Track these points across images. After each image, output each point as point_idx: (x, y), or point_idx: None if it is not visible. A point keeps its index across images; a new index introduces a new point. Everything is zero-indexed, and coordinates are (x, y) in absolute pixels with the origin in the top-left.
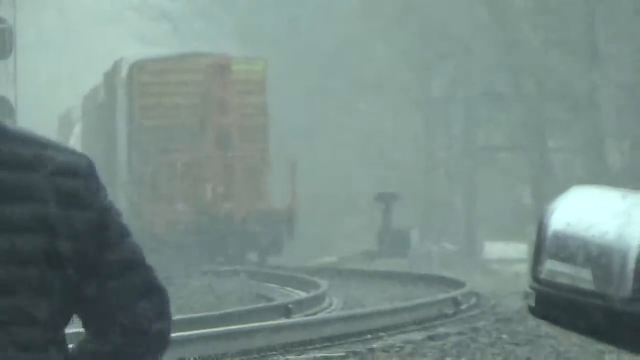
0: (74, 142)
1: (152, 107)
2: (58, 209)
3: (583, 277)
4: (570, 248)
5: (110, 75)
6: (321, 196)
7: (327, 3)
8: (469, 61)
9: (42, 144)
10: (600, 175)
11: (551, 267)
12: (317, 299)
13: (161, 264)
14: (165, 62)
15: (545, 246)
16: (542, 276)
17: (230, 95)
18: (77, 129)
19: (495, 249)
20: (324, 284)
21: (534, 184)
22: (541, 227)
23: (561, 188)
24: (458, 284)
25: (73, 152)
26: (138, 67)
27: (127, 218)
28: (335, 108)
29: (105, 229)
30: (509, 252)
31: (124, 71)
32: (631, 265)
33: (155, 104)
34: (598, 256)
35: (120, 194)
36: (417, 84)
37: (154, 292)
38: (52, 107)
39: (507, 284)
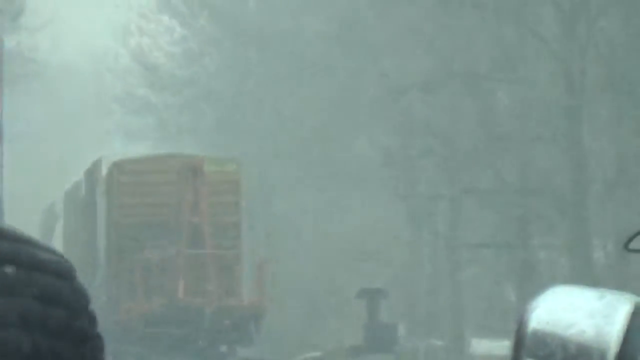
0: (57, 235)
1: (130, 205)
2: (39, 306)
3: None
4: (549, 346)
5: (91, 173)
6: (305, 291)
7: (310, 94)
8: (451, 157)
9: (23, 240)
10: (584, 273)
11: None
12: None
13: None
14: (142, 162)
15: (524, 344)
16: None
17: (203, 195)
18: (59, 223)
19: (481, 346)
20: None
21: (517, 281)
22: (521, 325)
23: (545, 286)
24: None
25: (54, 252)
26: (117, 167)
27: (106, 312)
28: (316, 200)
29: (89, 338)
30: (495, 349)
31: (103, 170)
32: None
33: (133, 203)
34: (577, 355)
35: (100, 289)
36: (401, 180)
37: None
38: (38, 199)
39: None
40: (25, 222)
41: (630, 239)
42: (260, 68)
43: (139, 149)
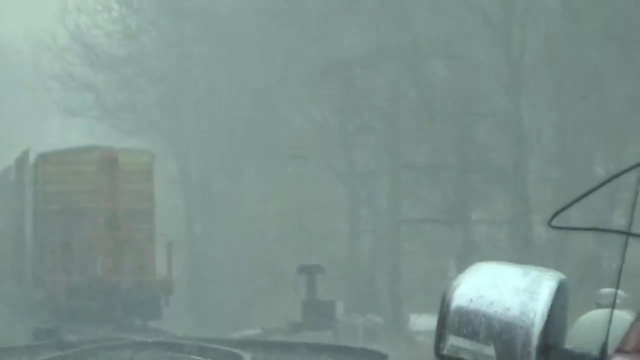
0: None
1: (54, 193)
2: None
3: (486, 353)
4: (473, 324)
5: (20, 162)
6: (244, 268)
7: (248, 70)
8: (391, 133)
9: None
10: (524, 249)
11: (454, 342)
12: None
13: (64, 331)
14: (64, 154)
15: (447, 322)
16: (445, 352)
17: (118, 183)
18: None
19: (421, 321)
20: (246, 356)
21: (458, 257)
22: (444, 302)
23: (486, 261)
24: (381, 357)
25: None
26: (43, 158)
27: (32, 288)
28: (254, 177)
29: None
30: (434, 325)
31: (31, 160)
32: (534, 341)
33: (56, 190)
34: (501, 332)
35: (27, 266)
36: (339, 155)
37: None
38: None
39: (431, 356)
40: None
41: (554, 216)
42: (197, 46)
43: (78, 126)
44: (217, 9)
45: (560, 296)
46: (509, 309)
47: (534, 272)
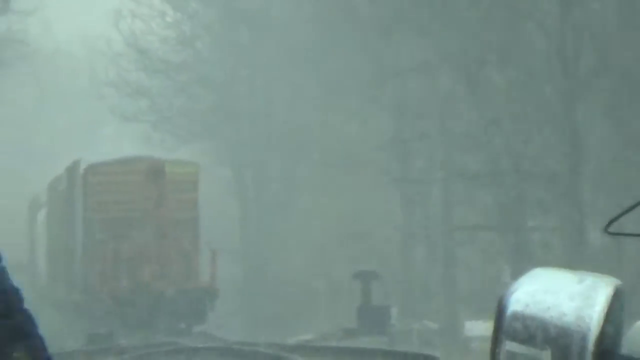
0: (39, 224)
1: (103, 202)
2: None
3: (542, 358)
4: (529, 329)
5: (70, 170)
6: (299, 274)
7: (303, 78)
8: (445, 140)
9: None
10: (578, 255)
11: (510, 348)
12: None
13: (117, 335)
14: (112, 165)
15: (504, 327)
16: (501, 358)
17: (164, 193)
18: (42, 213)
19: (475, 328)
20: None
21: (512, 263)
22: (500, 308)
23: (540, 267)
24: None
25: None
26: (92, 169)
27: (82, 293)
28: (310, 187)
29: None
30: (489, 331)
31: (80, 170)
32: (590, 346)
33: (105, 200)
34: (557, 338)
35: (77, 273)
36: (394, 163)
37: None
38: (25, 184)
39: None
40: (12, 205)
41: (610, 222)
42: (252, 52)
43: (132, 133)
44: (272, 15)
45: (616, 302)
46: (565, 314)
47: (589, 278)
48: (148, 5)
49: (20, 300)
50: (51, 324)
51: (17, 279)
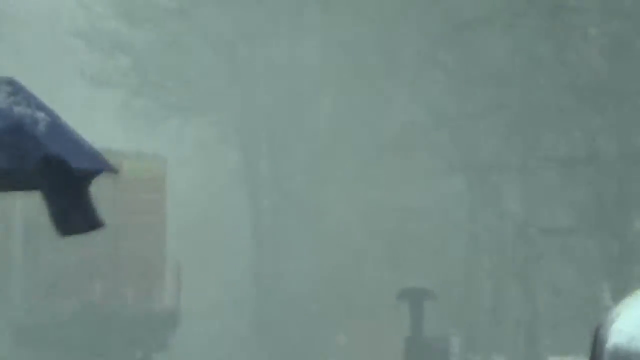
0: None
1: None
2: None
3: None
4: None
5: None
6: (320, 287)
7: (336, 34)
8: (525, 116)
9: None
10: None
11: None
12: None
13: None
14: None
15: None
16: None
17: (122, 194)
18: None
19: None
20: None
21: (613, 279)
22: (597, 341)
23: None
24: None
25: None
26: None
27: (18, 311)
28: (344, 176)
29: None
30: None
31: None
32: None
33: None
34: None
35: (16, 288)
36: (455, 146)
37: None
38: None
39: None
40: None
41: None
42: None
43: (107, 100)
44: None
45: None
46: None
47: None
48: None
49: None
50: None
51: None
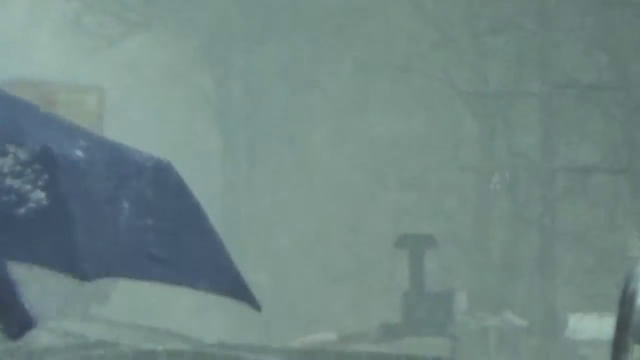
0: None
1: None
2: None
3: None
4: None
5: None
6: (308, 237)
7: None
8: (544, 33)
9: None
10: None
11: None
12: None
13: None
14: None
15: (630, 326)
16: None
17: None
18: None
19: (584, 325)
20: None
21: None
22: (626, 297)
23: None
24: None
25: None
26: None
27: None
28: (334, 102)
29: None
30: (606, 330)
31: None
32: None
33: None
34: None
35: None
36: (463, 69)
37: None
38: None
39: None
40: None
41: None
42: None
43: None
44: None
45: None
46: None
47: None
48: None
49: None
50: None
51: None
